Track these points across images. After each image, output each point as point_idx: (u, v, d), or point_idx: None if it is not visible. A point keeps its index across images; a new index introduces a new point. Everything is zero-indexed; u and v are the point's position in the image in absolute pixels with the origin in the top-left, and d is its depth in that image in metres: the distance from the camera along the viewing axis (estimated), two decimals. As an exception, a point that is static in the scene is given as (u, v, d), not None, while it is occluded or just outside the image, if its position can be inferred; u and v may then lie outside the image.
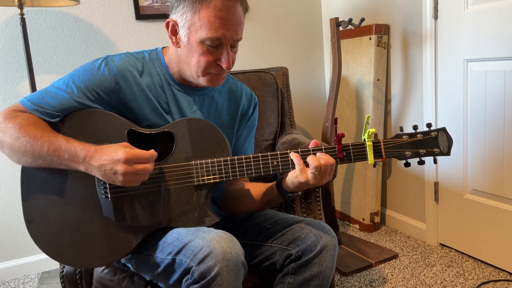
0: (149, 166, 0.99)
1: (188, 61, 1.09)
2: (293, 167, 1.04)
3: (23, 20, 1.80)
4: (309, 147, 1.06)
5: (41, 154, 1.01)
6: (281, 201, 1.35)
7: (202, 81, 1.10)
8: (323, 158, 1.01)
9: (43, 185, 1.08)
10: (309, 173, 1.01)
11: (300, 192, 1.12)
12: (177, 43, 1.10)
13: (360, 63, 2.38)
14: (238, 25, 1.05)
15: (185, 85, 1.17)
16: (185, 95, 1.17)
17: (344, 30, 2.48)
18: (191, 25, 1.04)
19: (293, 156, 1.03)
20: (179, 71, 1.14)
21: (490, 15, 1.78)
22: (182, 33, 1.07)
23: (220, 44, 1.05)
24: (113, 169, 0.96)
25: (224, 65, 1.06)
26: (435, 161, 1.07)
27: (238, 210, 1.25)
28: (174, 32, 1.10)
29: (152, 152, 0.99)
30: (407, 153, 1.04)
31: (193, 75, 1.10)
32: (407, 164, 1.06)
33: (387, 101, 2.38)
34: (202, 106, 1.19)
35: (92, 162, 0.98)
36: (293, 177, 1.04)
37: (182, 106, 1.16)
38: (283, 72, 2.06)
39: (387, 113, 2.38)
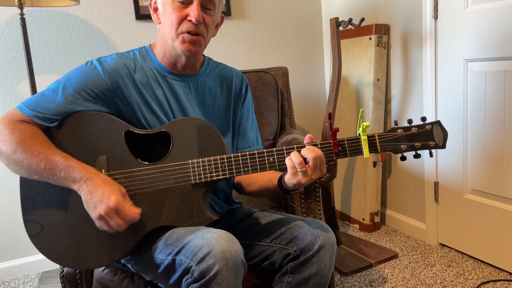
0: (123, 227, 0.99)
1: (165, 30, 1.13)
2: None
3: (23, 20, 1.81)
4: (304, 142, 1.06)
5: (37, 171, 1.02)
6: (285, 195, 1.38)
7: (177, 46, 1.12)
8: (307, 153, 1.01)
9: (42, 187, 1.08)
10: (299, 172, 1.01)
11: (302, 189, 1.12)
12: (158, 19, 1.16)
13: (360, 63, 2.38)
14: None
15: (178, 73, 1.19)
16: (180, 83, 1.19)
17: (344, 30, 2.48)
18: None
19: (286, 160, 1.03)
20: (165, 52, 1.17)
21: (490, 15, 1.78)
22: (159, 3, 1.14)
23: (191, 2, 1.09)
24: (95, 204, 0.98)
25: (192, 17, 1.08)
26: (431, 155, 1.07)
27: (247, 193, 1.30)
28: (155, 9, 1.16)
29: (135, 216, 1.00)
30: (402, 146, 1.05)
31: (171, 43, 1.12)
32: (403, 158, 1.06)
33: (387, 101, 2.38)
34: (197, 92, 1.22)
35: (86, 185, 0.99)
36: (287, 179, 1.05)
37: (179, 94, 1.18)
38: (283, 72, 2.06)
39: (387, 113, 2.38)
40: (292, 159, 1.01)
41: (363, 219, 2.46)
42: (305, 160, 1.01)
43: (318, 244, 1.09)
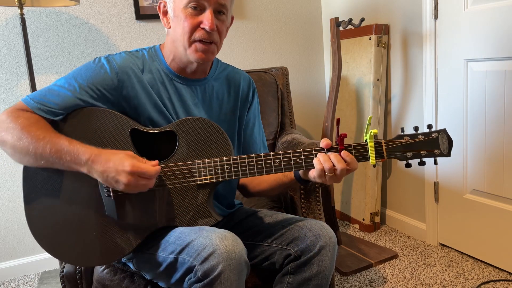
0: (152, 183, 1.01)
1: (176, 35, 1.11)
2: (296, 167, 1.05)
3: (23, 20, 1.80)
4: (320, 145, 1.05)
5: (43, 155, 1.01)
6: (298, 185, 1.37)
7: (190, 54, 1.10)
8: (338, 164, 1.00)
9: (45, 183, 1.08)
10: (327, 175, 1.02)
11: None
12: (168, 23, 1.14)
13: (360, 63, 2.38)
14: None
15: (186, 77, 1.18)
16: (187, 87, 1.18)
17: (344, 30, 2.48)
18: None
19: (315, 161, 1.02)
20: (174, 57, 1.15)
21: (490, 15, 1.78)
22: (170, 8, 1.11)
23: (204, 8, 1.07)
24: (115, 178, 0.98)
25: (206, 26, 1.06)
26: (435, 162, 1.07)
27: (255, 193, 1.29)
28: (165, 13, 1.14)
29: (156, 169, 1.00)
30: (408, 154, 1.05)
31: (183, 51, 1.11)
32: (408, 165, 1.07)
33: (387, 101, 2.38)
34: (204, 97, 1.20)
35: (95, 166, 0.99)
36: (311, 177, 1.05)
37: (185, 99, 1.17)
38: (283, 72, 2.06)
39: (387, 113, 2.38)
40: (323, 165, 1.00)
41: (363, 219, 2.46)
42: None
43: (319, 245, 1.09)
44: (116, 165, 0.97)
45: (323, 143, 1.04)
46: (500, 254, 1.91)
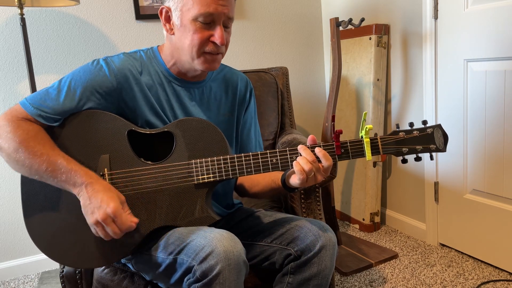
0: (119, 235, 1.00)
1: (182, 45, 1.09)
2: (292, 167, 1.05)
3: (23, 20, 1.81)
4: (307, 143, 1.06)
5: (38, 171, 1.01)
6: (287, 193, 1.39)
7: (197, 64, 1.10)
8: (309, 161, 1.01)
9: (43, 186, 1.08)
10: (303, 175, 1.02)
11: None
12: (171, 30, 1.12)
13: (360, 63, 2.39)
14: (229, 1, 1.07)
15: (184, 79, 1.18)
16: (185, 90, 1.18)
17: (344, 30, 2.48)
18: (183, 6, 1.06)
19: (294, 164, 1.04)
20: (176, 62, 1.15)
21: (490, 15, 1.78)
22: (175, 16, 1.08)
23: (213, 22, 1.06)
24: (93, 210, 0.98)
25: (217, 41, 1.06)
26: (431, 158, 1.08)
27: (249, 195, 1.29)
28: (167, 18, 1.12)
29: (131, 225, 1.00)
30: (404, 149, 1.06)
31: (189, 60, 1.10)
32: (404, 161, 1.08)
33: (387, 101, 2.38)
34: (202, 98, 1.20)
35: (86, 190, 0.99)
36: (293, 181, 1.07)
37: (184, 101, 1.17)
38: (283, 72, 2.06)
39: (387, 113, 2.38)
40: (303, 166, 1.01)
41: (363, 219, 2.46)
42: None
43: (319, 244, 1.09)
44: (102, 200, 0.98)
45: (310, 141, 1.05)
46: (500, 254, 1.91)
